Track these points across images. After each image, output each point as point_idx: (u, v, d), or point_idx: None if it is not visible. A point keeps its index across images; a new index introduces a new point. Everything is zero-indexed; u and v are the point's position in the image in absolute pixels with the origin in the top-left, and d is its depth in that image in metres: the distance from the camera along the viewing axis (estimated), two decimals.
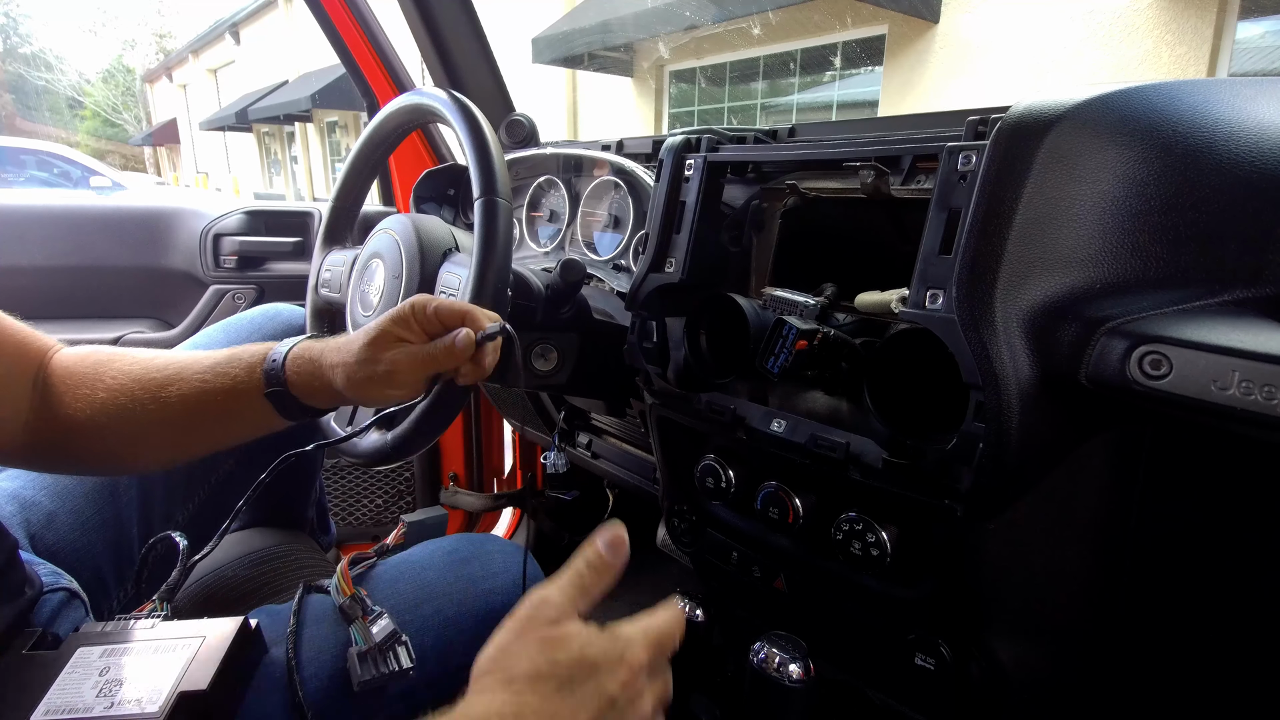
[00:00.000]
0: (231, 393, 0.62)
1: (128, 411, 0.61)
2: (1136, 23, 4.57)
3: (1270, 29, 4.42)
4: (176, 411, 0.61)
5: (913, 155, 0.58)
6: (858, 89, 6.77)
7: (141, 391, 0.61)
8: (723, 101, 8.00)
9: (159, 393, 0.61)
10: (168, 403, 0.61)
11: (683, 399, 0.74)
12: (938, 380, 0.52)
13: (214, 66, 20.31)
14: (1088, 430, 0.48)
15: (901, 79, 5.95)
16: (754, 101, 7.80)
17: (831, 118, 7.04)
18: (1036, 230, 0.45)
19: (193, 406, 0.62)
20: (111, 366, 0.63)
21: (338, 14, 1.29)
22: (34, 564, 0.64)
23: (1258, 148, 0.47)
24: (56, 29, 36.69)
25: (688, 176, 0.73)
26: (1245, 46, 4.44)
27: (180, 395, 0.61)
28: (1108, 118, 0.46)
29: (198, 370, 0.63)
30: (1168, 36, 4.46)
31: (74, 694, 0.48)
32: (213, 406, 0.62)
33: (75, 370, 0.62)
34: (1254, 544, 0.49)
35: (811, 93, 7.31)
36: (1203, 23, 4.32)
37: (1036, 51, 5.03)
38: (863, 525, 0.60)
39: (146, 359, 0.64)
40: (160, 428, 0.62)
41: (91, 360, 0.63)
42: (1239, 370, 0.37)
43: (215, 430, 0.65)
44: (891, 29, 5.94)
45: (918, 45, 5.80)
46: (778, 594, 0.72)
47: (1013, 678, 0.57)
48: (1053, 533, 0.53)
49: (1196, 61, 4.35)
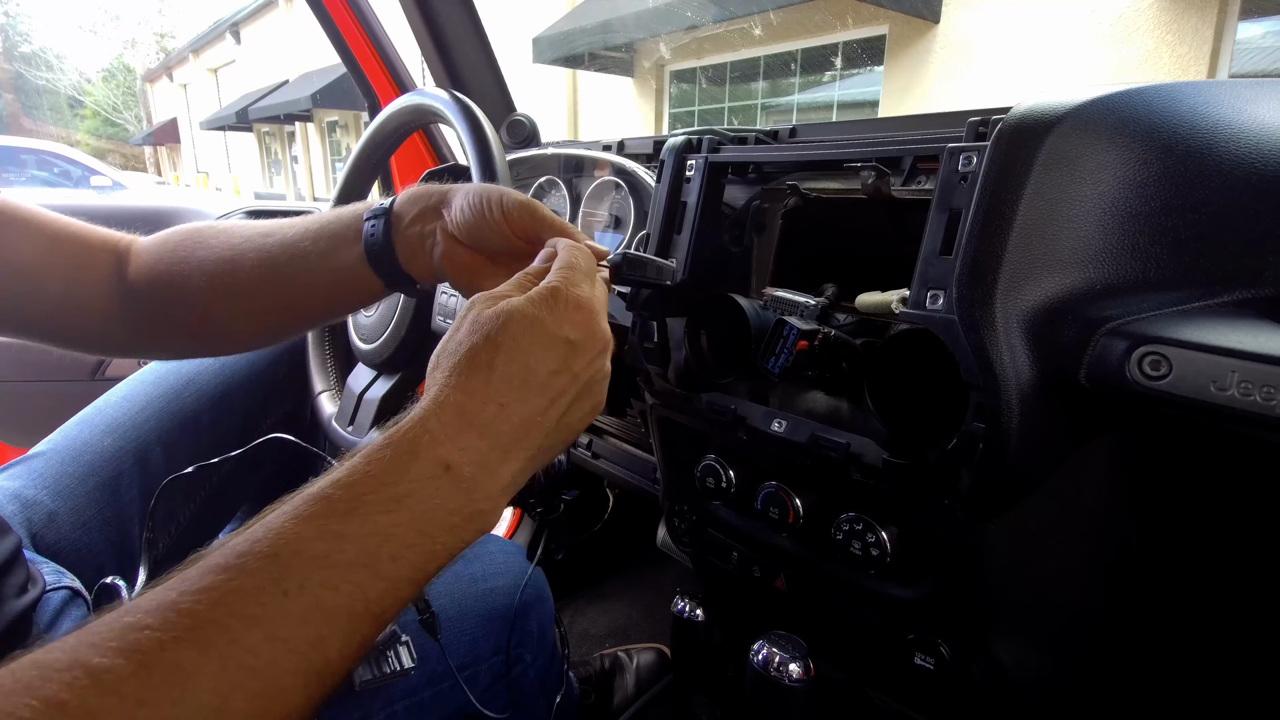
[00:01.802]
0: (333, 238, 0.57)
1: (230, 266, 0.58)
2: (1137, 23, 4.57)
3: (1271, 29, 4.42)
4: (280, 263, 0.57)
5: (913, 156, 0.58)
6: (858, 89, 6.77)
7: (243, 242, 0.59)
8: (723, 101, 8.00)
9: (261, 241, 0.58)
10: (270, 253, 0.57)
11: (683, 399, 0.74)
12: (938, 380, 0.52)
13: (214, 66, 20.31)
14: (1088, 431, 0.48)
15: (902, 79, 5.95)
16: (754, 101, 7.80)
17: (832, 117, 7.04)
18: (1037, 231, 0.45)
19: (294, 253, 0.57)
20: (208, 230, 0.61)
21: (339, 14, 1.29)
22: (37, 563, 0.64)
23: (1258, 149, 0.47)
24: (57, 28, 36.63)
25: (689, 177, 0.73)
26: (1246, 47, 4.44)
27: (281, 242, 0.57)
28: (1108, 119, 0.46)
29: (299, 221, 0.59)
30: (1168, 37, 4.46)
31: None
32: (313, 255, 0.57)
33: (168, 243, 0.61)
34: (1255, 544, 0.49)
35: (812, 93, 7.31)
36: (1203, 23, 4.32)
37: (1037, 52, 5.03)
38: (863, 525, 0.60)
39: (240, 223, 0.62)
40: (263, 288, 0.58)
41: (184, 231, 0.62)
42: (1238, 371, 0.37)
43: (318, 286, 0.59)
44: (892, 29, 5.94)
45: (918, 45, 5.80)
46: (778, 594, 0.72)
47: (1013, 678, 0.57)
48: (1053, 533, 0.53)
49: (1197, 62, 4.35)
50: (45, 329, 0.61)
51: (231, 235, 0.60)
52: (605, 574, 1.47)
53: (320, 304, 0.61)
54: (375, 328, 0.80)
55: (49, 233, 0.58)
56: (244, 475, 0.88)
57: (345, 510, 0.31)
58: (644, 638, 1.30)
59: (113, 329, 0.61)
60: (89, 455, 0.76)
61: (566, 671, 0.72)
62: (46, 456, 0.75)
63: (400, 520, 0.32)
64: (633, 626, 1.36)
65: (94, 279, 0.59)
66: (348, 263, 0.56)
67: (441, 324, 0.74)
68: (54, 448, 0.77)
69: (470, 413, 0.35)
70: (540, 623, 0.73)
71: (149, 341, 0.64)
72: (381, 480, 0.33)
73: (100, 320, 0.60)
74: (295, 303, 0.60)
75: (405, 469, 0.33)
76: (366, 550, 0.31)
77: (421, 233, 0.55)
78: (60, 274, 0.58)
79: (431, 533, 0.33)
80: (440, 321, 0.75)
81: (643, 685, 1.09)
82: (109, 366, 1.34)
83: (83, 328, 0.60)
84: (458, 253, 0.54)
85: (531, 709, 0.71)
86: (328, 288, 0.59)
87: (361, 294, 0.59)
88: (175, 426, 0.82)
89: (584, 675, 1.09)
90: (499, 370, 0.37)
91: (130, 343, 0.63)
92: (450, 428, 0.35)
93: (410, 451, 0.34)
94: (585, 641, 1.33)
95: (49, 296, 0.58)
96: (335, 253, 0.57)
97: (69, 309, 0.59)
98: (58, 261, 0.58)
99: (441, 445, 0.34)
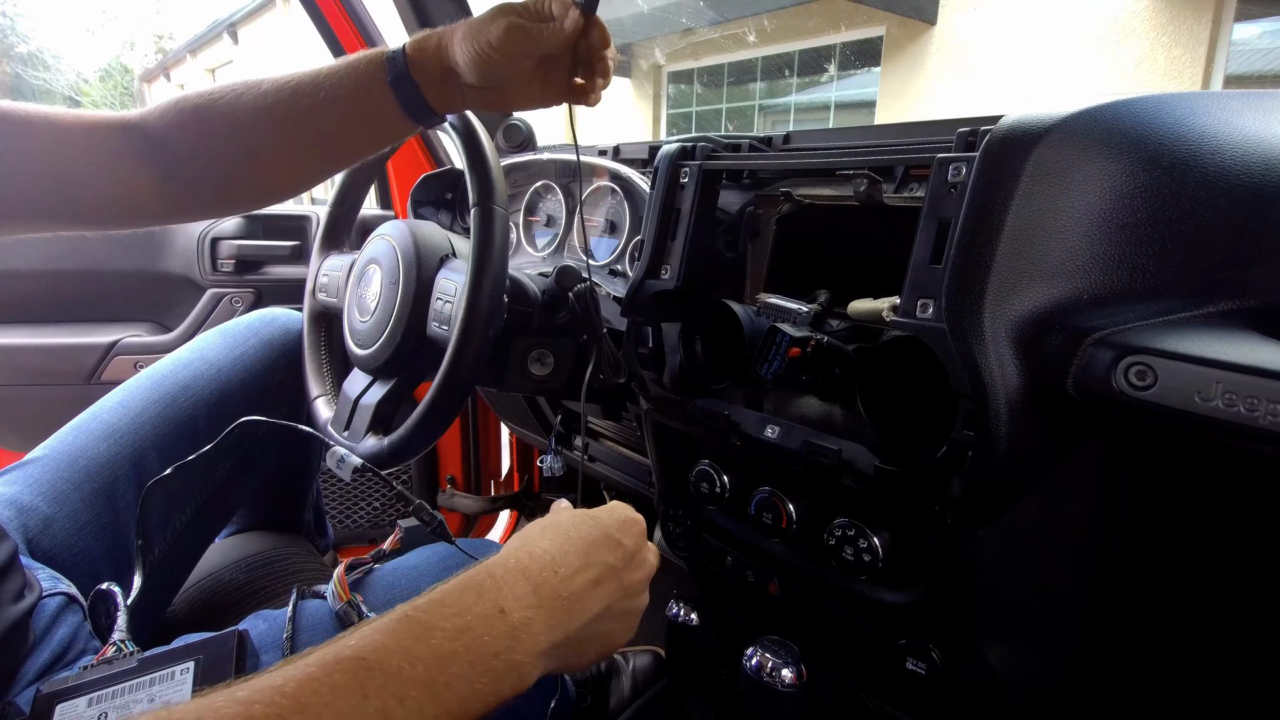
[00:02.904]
0: (356, 82, 0.61)
1: (265, 102, 0.61)
2: (1133, 25, 4.58)
3: (1267, 29, 4.43)
4: (308, 99, 0.61)
5: (905, 165, 0.59)
6: (855, 90, 6.78)
7: (268, 86, 0.61)
8: (721, 102, 8.01)
9: (283, 85, 0.61)
10: (299, 88, 0.61)
11: (677, 404, 0.74)
12: (930, 386, 0.53)
13: (212, 66, 20.26)
14: (1076, 439, 0.49)
15: (899, 80, 5.97)
16: (752, 102, 7.81)
17: (830, 118, 7.06)
18: (1025, 241, 0.46)
19: (323, 95, 0.61)
20: (232, 82, 0.63)
21: (333, 14, 1.29)
22: (33, 568, 0.64)
23: (1243, 161, 0.48)
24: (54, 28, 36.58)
25: (683, 183, 0.73)
26: (1243, 48, 4.45)
27: (299, 82, 0.61)
28: (1095, 130, 0.46)
29: (321, 68, 0.62)
30: (1164, 39, 4.47)
31: None
32: (341, 99, 0.61)
33: (186, 99, 0.64)
34: (1240, 550, 0.49)
35: (809, 93, 7.32)
36: (1199, 25, 4.33)
37: (1033, 53, 5.05)
38: (855, 531, 0.60)
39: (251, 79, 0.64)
40: (296, 119, 0.62)
41: (204, 89, 0.64)
42: (1222, 382, 0.38)
43: (349, 127, 0.64)
44: (889, 31, 5.95)
45: (915, 47, 5.81)
46: (772, 598, 0.72)
47: (1003, 682, 0.57)
48: (1043, 539, 0.53)
49: (1193, 64, 4.37)
50: (89, 214, 0.65)
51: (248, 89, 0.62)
52: None
53: (345, 139, 0.65)
54: (371, 333, 0.81)
55: (51, 119, 0.59)
56: (239, 481, 0.88)
57: (420, 633, 0.36)
58: (640, 639, 1.30)
59: (145, 194, 0.63)
60: (85, 461, 0.76)
61: (560, 674, 0.72)
62: (42, 462, 0.75)
63: (458, 649, 0.36)
64: None
65: (112, 149, 0.62)
66: (374, 98, 0.61)
67: (436, 330, 0.75)
68: (50, 453, 0.77)
69: (530, 571, 0.42)
70: None
71: (185, 199, 0.66)
72: (451, 610, 0.38)
73: (128, 189, 0.63)
74: (320, 138, 0.64)
75: (470, 606, 0.38)
76: (430, 671, 0.35)
77: (433, 73, 0.61)
78: (82, 155, 0.60)
79: (479, 669, 0.37)
80: (435, 328, 0.75)
81: (639, 688, 1.10)
82: (105, 370, 1.35)
83: (121, 201, 0.64)
84: (479, 96, 0.62)
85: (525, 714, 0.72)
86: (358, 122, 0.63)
87: (382, 129, 0.64)
88: (171, 431, 0.82)
89: (579, 678, 1.09)
90: (559, 543, 0.45)
91: (170, 204, 0.66)
92: (510, 576, 0.41)
93: (476, 590, 0.40)
94: None
95: (81, 180, 0.61)
96: (359, 88, 0.61)
97: (102, 186, 0.62)
98: (76, 142, 0.60)
99: (500, 590, 0.40)
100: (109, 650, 0.56)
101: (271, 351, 0.94)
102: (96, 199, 0.63)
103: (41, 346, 1.31)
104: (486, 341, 0.67)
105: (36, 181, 0.59)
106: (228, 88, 0.63)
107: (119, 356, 1.34)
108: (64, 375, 1.33)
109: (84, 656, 0.61)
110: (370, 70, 0.61)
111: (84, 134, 0.61)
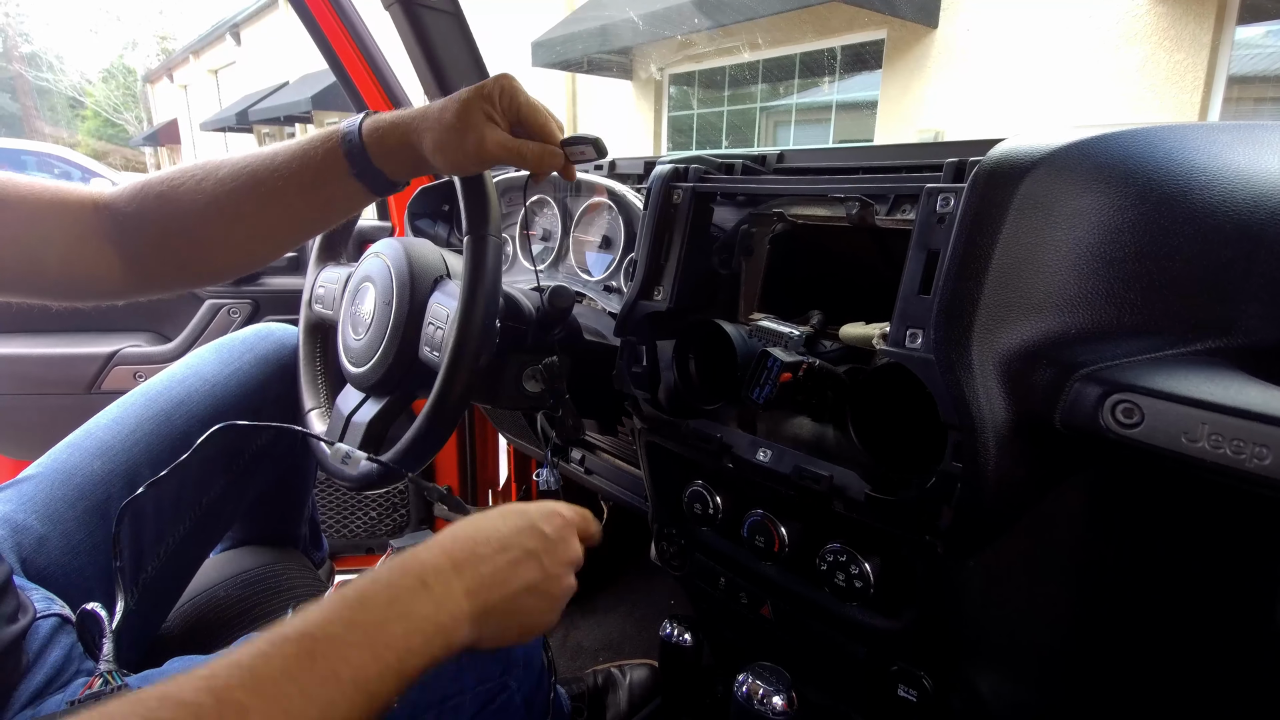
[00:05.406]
0: (314, 161, 0.65)
1: (224, 189, 0.65)
2: (1135, 28, 4.57)
3: (1272, 29, 4.42)
4: (265, 185, 0.64)
5: (895, 195, 0.59)
6: (857, 92, 6.78)
7: (226, 172, 0.65)
8: (722, 105, 8.00)
9: (240, 170, 0.65)
10: (256, 174, 0.64)
11: (670, 425, 0.74)
12: (922, 411, 0.52)
13: (215, 67, 20.29)
14: (1063, 471, 0.49)
15: (900, 83, 5.96)
16: (753, 105, 7.80)
17: (831, 119, 7.04)
18: (1012, 274, 0.46)
19: (280, 182, 0.64)
20: (193, 166, 0.67)
21: (327, 22, 1.29)
22: (27, 589, 0.64)
23: (1231, 197, 0.47)
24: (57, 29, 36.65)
25: (676, 204, 0.73)
26: (1247, 49, 4.44)
27: (255, 168, 0.65)
28: (1083, 164, 0.46)
29: (279, 149, 0.66)
30: (1165, 43, 4.46)
31: None
32: (300, 186, 0.65)
33: (150, 183, 0.67)
34: (1226, 581, 0.49)
35: (810, 95, 7.32)
36: (1201, 29, 4.32)
37: (1034, 57, 5.03)
38: (846, 556, 0.60)
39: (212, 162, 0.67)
40: (255, 202, 0.65)
41: (167, 172, 0.67)
42: (1209, 423, 0.38)
43: (308, 206, 0.67)
44: (890, 34, 5.94)
45: (916, 50, 5.80)
46: (765, 620, 0.72)
47: (992, 709, 0.57)
48: (1032, 569, 0.53)
49: (1195, 68, 4.35)
50: (53, 288, 0.67)
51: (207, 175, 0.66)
52: (598, 587, 1.47)
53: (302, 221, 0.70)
54: (364, 351, 0.81)
55: (28, 198, 0.62)
56: (233, 496, 0.88)
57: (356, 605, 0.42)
58: (637, 651, 1.30)
59: (109, 273, 0.67)
60: (79, 479, 0.76)
61: (555, 685, 0.72)
62: (36, 480, 0.76)
63: (391, 616, 0.42)
64: (625, 640, 1.36)
65: (81, 231, 0.65)
66: (333, 185, 0.65)
67: (428, 354, 0.75)
68: (44, 471, 0.77)
69: (451, 551, 0.48)
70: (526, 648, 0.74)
71: (147, 279, 0.70)
72: (382, 585, 0.44)
73: (93, 268, 0.66)
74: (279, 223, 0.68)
75: (397, 581, 0.45)
76: (368, 635, 0.41)
77: (398, 158, 0.65)
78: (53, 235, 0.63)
79: (411, 631, 0.43)
80: (427, 352, 0.75)
81: (635, 703, 1.10)
82: (105, 380, 1.35)
83: (85, 278, 0.67)
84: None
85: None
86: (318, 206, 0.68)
87: (341, 208, 0.69)
88: (165, 448, 0.82)
89: (576, 692, 1.09)
90: (483, 530, 0.51)
91: (131, 283, 0.69)
92: (432, 555, 0.47)
93: (401, 568, 0.46)
94: (578, 655, 1.33)
95: (49, 257, 0.64)
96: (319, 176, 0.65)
97: (70, 264, 0.65)
98: (48, 222, 0.63)
99: (424, 567, 0.46)
100: (96, 683, 0.56)
101: (266, 367, 0.94)
102: (63, 275, 0.66)
103: (42, 356, 1.32)
104: (477, 370, 0.67)
105: (9, 257, 0.62)
106: (189, 173, 0.66)
107: (119, 366, 1.34)
108: (64, 385, 1.33)
109: (78, 679, 0.61)
110: (328, 161, 0.64)
111: (57, 213, 0.64)
